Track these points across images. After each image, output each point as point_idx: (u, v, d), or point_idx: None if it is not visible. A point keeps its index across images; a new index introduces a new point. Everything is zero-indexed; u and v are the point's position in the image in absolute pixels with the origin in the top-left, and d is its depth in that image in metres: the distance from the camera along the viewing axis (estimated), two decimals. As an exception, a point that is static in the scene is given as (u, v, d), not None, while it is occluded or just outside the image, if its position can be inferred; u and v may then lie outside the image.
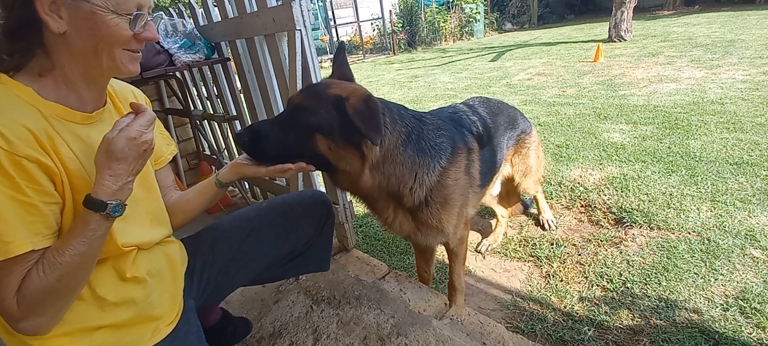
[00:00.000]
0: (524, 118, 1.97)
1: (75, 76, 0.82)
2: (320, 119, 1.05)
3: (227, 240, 1.20)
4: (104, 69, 0.83)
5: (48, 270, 0.73)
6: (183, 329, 1.01)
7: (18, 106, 0.75)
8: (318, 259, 1.40)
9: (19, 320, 0.74)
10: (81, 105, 0.85)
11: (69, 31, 0.77)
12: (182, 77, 2.61)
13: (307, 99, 1.10)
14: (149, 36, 0.85)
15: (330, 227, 1.40)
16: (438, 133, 1.30)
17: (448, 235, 1.38)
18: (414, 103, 5.49)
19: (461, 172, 1.34)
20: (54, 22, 0.75)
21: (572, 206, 2.41)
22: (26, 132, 0.71)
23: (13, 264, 0.71)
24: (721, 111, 3.46)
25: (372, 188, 1.18)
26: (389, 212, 1.29)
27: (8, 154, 0.68)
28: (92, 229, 0.76)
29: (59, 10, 0.75)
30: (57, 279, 0.74)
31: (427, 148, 1.24)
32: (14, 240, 0.70)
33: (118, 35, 0.79)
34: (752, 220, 2.01)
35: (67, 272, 0.74)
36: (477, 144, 1.48)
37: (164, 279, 1.00)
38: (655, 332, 1.49)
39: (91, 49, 0.79)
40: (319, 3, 12.75)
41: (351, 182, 1.17)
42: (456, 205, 1.34)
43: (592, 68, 5.83)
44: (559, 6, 13.81)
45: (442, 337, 1.30)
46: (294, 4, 1.47)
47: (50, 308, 0.77)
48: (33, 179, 0.72)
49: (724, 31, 7.08)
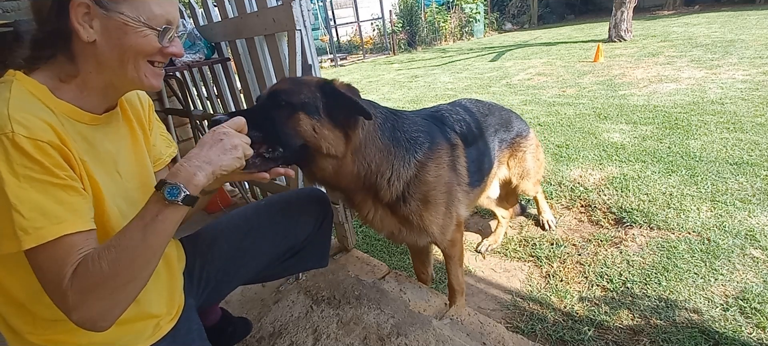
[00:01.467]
0: (521, 120, 1.95)
1: (97, 84, 0.83)
2: (303, 99, 1.04)
3: (226, 239, 1.20)
4: (128, 80, 0.84)
5: (105, 257, 0.70)
6: (184, 326, 1.02)
7: (34, 103, 0.75)
8: (317, 255, 1.40)
9: (73, 309, 0.70)
10: (93, 108, 0.85)
11: (99, 41, 0.78)
12: (182, 77, 2.61)
13: (288, 83, 1.09)
14: (175, 51, 0.87)
15: (328, 223, 1.40)
16: (414, 127, 1.30)
17: (433, 235, 1.35)
18: (414, 103, 5.49)
19: (443, 168, 1.32)
20: (84, 32, 0.76)
21: (572, 206, 2.41)
22: (44, 123, 0.71)
23: (59, 249, 0.69)
24: (721, 111, 3.46)
25: (352, 177, 1.16)
26: (368, 206, 1.27)
27: (32, 141, 0.68)
28: (151, 212, 0.73)
29: (92, 20, 0.77)
30: (112, 267, 0.70)
31: (403, 139, 1.24)
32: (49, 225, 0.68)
33: (146, 46, 0.81)
34: (752, 220, 2.01)
35: (125, 259, 0.71)
36: (461, 141, 1.46)
37: (160, 277, 1.00)
38: (655, 332, 1.49)
39: (117, 59, 0.80)
40: (319, 3, 12.76)
41: (333, 169, 1.12)
42: (439, 203, 1.32)
43: (592, 68, 5.83)
44: (559, 6, 13.81)
45: (442, 337, 1.30)
46: (294, 4, 1.47)
47: (106, 299, 0.72)
48: (60, 164, 0.71)
49: (724, 31, 7.08)
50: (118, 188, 0.88)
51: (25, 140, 0.67)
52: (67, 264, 0.69)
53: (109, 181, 0.87)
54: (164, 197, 0.73)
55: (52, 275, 0.69)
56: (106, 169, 0.87)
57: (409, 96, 5.96)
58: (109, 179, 0.87)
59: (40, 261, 0.69)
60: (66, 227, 0.69)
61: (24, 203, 0.66)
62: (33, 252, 0.68)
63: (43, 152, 0.69)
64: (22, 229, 0.66)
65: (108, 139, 0.90)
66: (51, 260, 0.69)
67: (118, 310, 0.75)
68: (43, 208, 0.68)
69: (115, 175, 0.90)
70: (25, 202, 0.66)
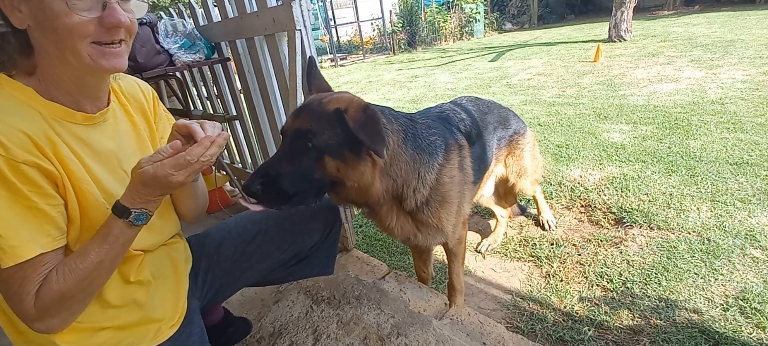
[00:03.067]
0: (518, 118, 1.95)
1: (56, 75, 0.77)
2: (325, 139, 1.00)
3: (233, 241, 1.20)
4: (76, 68, 0.76)
5: (68, 275, 0.73)
6: (185, 331, 1.01)
7: (16, 109, 0.74)
8: (323, 263, 1.40)
9: (34, 320, 0.74)
10: (78, 106, 0.83)
11: (32, 25, 0.73)
12: (182, 77, 2.61)
13: (307, 120, 1.03)
14: (112, 21, 0.74)
15: (336, 232, 1.39)
16: (430, 131, 1.30)
17: (447, 234, 1.38)
18: (414, 103, 5.49)
19: (456, 169, 1.34)
20: (15, 17, 0.72)
21: (572, 206, 2.41)
22: (23, 137, 0.70)
23: (27, 268, 0.71)
24: (721, 111, 3.46)
25: (380, 194, 1.15)
26: (392, 216, 1.27)
27: (7, 160, 0.68)
28: (115, 235, 0.76)
29: (20, 3, 0.71)
30: (75, 284, 0.74)
31: (424, 146, 1.24)
32: (21, 244, 0.70)
33: (75, 28, 0.72)
34: (752, 220, 2.01)
35: (86, 277, 0.74)
36: (466, 141, 1.47)
37: (167, 280, 1.00)
38: (655, 332, 1.49)
39: (54, 45, 0.73)
40: (319, 3, 12.76)
41: (360, 193, 1.11)
42: (454, 202, 1.34)
43: (592, 68, 5.83)
44: (559, 6, 13.81)
45: (442, 337, 1.30)
46: (294, 4, 1.47)
47: (65, 311, 0.77)
48: (34, 183, 0.71)
49: (724, 31, 7.08)
50: (123, 185, 0.86)
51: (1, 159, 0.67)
52: (32, 283, 0.72)
53: (113, 179, 0.86)
54: (134, 223, 0.76)
55: (16, 291, 0.72)
56: (109, 168, 0.86)
57: (409, 96, 5.96)
58: (112, 177, 0.86)
59: (8, 278, 0.71)
60: (38, 248, 0.71)
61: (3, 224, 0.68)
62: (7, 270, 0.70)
63: (17, 172, 0.69)
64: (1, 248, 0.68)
65: (107, 136, 0.88)
66: (18, 278, 0.71)
67: (77, 315, 0.80)
68: (16, 228, 0.69)
69: (119, 172, 0.89)
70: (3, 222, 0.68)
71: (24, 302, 0.72)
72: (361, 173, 1.06)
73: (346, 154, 1.03)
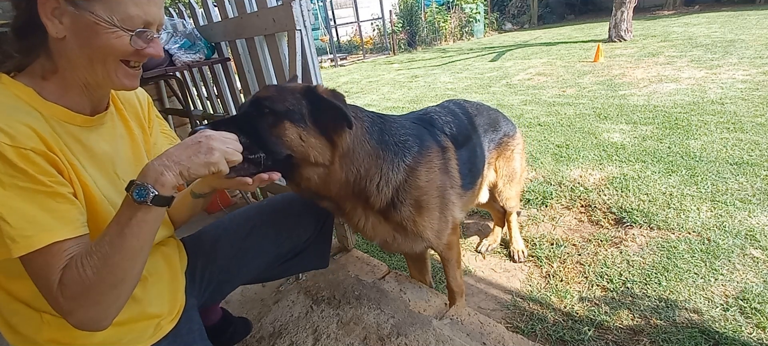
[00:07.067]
0: (507, 120, 1.89)
1: (75, 82, 0.81)
2: (288, 106, 1.01)
3: (228, 239, 1.20)
4: (99, 80, 0.81)
5: (85, 262, 0.71)
6: (185, 326, 1.02)
7: (19, 107, 0.74)
8: (318, 256, 1.40)
9: (68, 313, 0.72)
10: (81, 109, 0.84)
11: (68, 37, 0.76)
12: (182, 77, 2.61)
13: (272, 91, 1.05)
14: (152, 52, 0.83)
15: (330, 224, 1.40)
16: (402, 131, 1.27)
17: (429, 240, 1.33)
18: (414, 103, 5.49)
19: (435, 171, 1.30)
20: (53, 27, 0.75)
21: (572, 206, 2.41)
22: (28, 129, 0.70)
23: (48, 255, 0.69)
24: (721, 111, 3.46)
25: (341, 184, 1.13)
26: (358, 214, 1.24)
27: (15, 149, 0.67)
28: (122, 212, 0.73)
29: (62, 16, 0.74)
30: (95, 272, 0.70)
31: (391, 143, 1.21)
32: (38, 232, 0.68)
33: (117, 48, 0.77)
34: (752, 220, 2.01)
35: (105, 264, 0.71)
36: (452, 143, 1.44)
37: (163, 276, 1.00)
38: (655, 332, 1.49)
39: (86, 58, 0.78)
40: (319, 3, 12.76)
41: (320, 178, 1.09)
42: (434, 208, 1.30)
43: (592, 68, 5.83)
44: (559, 6, 13.81)
45: (442, 337, 1.30)
46: (294, 4, 1.47)
47: (96, 304, 0.73)
48: (46, 170, 0.70)
49: (724, 31, 7.08)
50: (116, 189, 0.87)
51: (9, 149, 0.66)
52: (55, 271, 0.70)
53: (107, 183, 0.86)
54: (133, 198, 0.72)
55: (44, 282, 0.70)
56: (103, 171, 0.86)
57: (409, 96, 5.96)
58: (107, 180, 0.86)
59: (32, 268, 0.70)
60: (54, 235, 0.70)
61: (11, 212, 0.66)
62: (25, 259, 0.69)
63: (28, 160, 0.68)
64: (10, 238, 0.67)
65: (103, 139, 0.89)
66: (41, 267, 0.70)
67: (115, 309, 0.76)
68: (30, 216, 0.68)
69: (113, 176, 0.89)
70: (11, 211, 0.67)
71: (51, 293, 0.70)
72: (322, 150, 1.04)
73: (309, 124, 1.02)
